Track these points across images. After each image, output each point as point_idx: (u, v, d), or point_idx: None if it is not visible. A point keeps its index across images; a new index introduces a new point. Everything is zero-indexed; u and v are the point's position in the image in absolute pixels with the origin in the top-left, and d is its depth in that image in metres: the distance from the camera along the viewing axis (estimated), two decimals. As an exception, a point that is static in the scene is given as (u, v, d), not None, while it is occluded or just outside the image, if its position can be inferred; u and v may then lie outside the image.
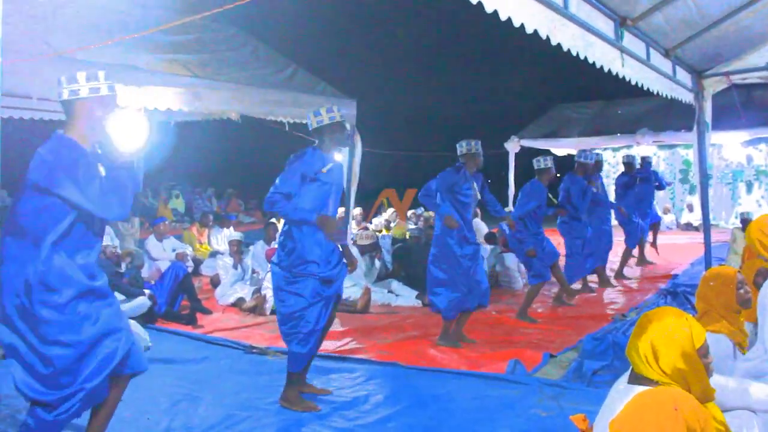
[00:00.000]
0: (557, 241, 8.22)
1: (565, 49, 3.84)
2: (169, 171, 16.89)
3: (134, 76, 6.32)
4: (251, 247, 9.45)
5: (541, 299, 8.11)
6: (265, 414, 4.40)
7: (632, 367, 2.53)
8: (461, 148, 6.11)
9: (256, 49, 9.00)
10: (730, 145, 15.36)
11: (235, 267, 8.70)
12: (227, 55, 8.21)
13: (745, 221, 10.41)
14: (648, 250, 11.51)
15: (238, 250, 8.82)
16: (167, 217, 13.02)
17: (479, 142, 6.13)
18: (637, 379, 2.45)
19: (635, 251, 10.81)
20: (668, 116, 13.84)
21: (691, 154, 17.12)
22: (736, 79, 6.76)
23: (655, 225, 11.80)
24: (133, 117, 3.45)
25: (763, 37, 6.34)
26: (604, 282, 9.14)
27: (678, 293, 8.38)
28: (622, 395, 2.45)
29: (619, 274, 9.83)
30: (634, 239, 10.21)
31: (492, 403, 4.54)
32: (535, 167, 7.38)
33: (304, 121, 9.15)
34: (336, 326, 7.02)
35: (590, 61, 4.23)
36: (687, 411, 2.04)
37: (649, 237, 11.64)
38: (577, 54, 4.03)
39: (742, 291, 3.56)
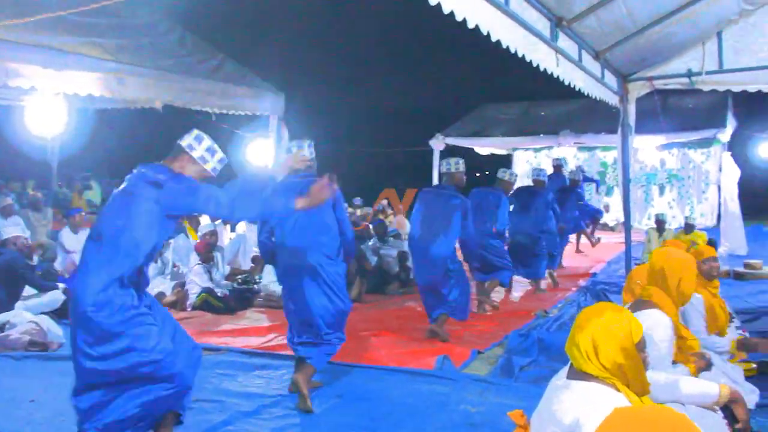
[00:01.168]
0: None
1: (504, 46, 3.84)
2: (86, 160, 16.26)
3: (52, 59, 6.01)
4: (171, 241, 9.15)
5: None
6: (192, 412, 4.21)
7: (571, 363, 2.52)
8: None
9: (182, 36, 8.73)
10: (646, 149, 15.94)
11: (155, 260, 8.41)
12: (151, 41, 7.93)
13: (660, 222, 10.81)
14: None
15: (158, 243, 8.52)
16: (83, 208, 12.49)
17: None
18: (576, 374, 2.45)
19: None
20: (589, 119, 14.26)
21: (608, 157, 17.74)
22: (659, 84, 6.97)
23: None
24: (50, 102, 3.28)
25: (685, 45, 6.57)
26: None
27: (597, 291, 8.62)
28: (562, 390, 2.44)
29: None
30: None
31: (422, 398, 4.52)
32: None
33: (231, 112, 8.96)
34: (262, 322, 6.91)
35: (527, 59, 4.27)
36: None
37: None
38: (515, 52, 4.04)
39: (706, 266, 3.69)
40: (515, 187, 8.02)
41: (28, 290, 6.85)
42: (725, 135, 13.64)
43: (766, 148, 15.09)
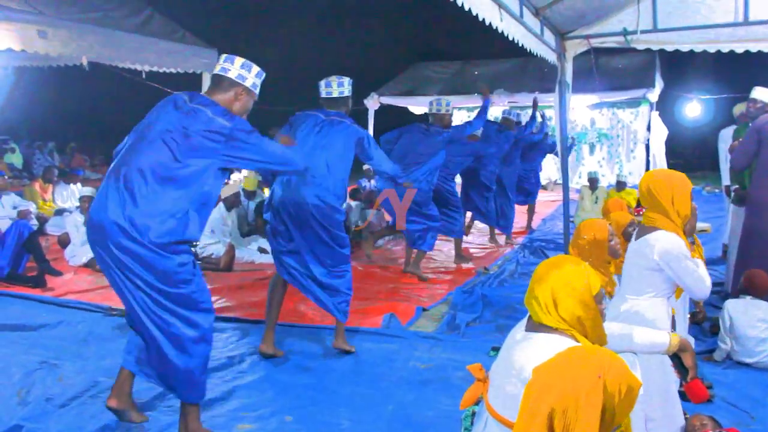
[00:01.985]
0: None
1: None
2: (6, 122, 15.49)
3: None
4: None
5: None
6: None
7: (529, 315, 2.54)
8: None
9: (107, -14, 8.28)
10: (577, 108, 16.22)
11: (86, 224, 8.11)
12: (74, -8, 7.48)
13: (592, 180, 11.06)
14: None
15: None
16: (5, 172, 11.92)
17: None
18: (535, 326, 2.47)
19: None
20: (522, 78, 14.39)
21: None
22: (596, 42, 7.03)
23: None
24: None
25: (621, 3, 6.64)
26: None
27: (535, 248, 8.79)
28: (521, 342, 2.46)
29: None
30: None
31: (371, 357, 4.52)
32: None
33: (161, 70, 8.64)
34: (202, 285, 6.75)
35: (474, 13, 4.23)
36: (610, 380, 2.03)
37: None
38: (462, 4, 3.99)
39: (612, 243, 3.71)
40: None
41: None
42: (654, 95, 13.94)
43: (692, 108, 15.55)
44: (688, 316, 5.04)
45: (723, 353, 4.44)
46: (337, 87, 4.56)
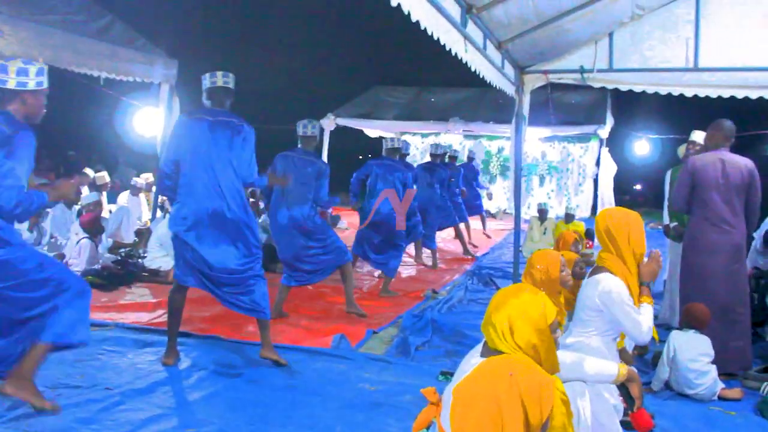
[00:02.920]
0: None
1: (422, 27, 3.86)
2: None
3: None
4: (50, 210, 8.65)
5: (358, 276, 8.26)
6: (79, 391, 4.01)
7: (485, 341, 2.58)
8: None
9: (68, -7, 8.15)
10: (529, 141, 16.54)
11: (30, 230, 7.92)
12: (32, -4, 7.34)
13: (542, 211, 11.29)
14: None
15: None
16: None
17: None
18: (489, 351, 2.51)
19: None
20: (478, 108, 14.63)
21: (492, 146, 18.36)
22: (553, 78, 7.23)
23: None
24: None
25: (580, 42, 6.87)
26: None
27: (483, 275, 8.90)
28: (474, 367, 2.50)
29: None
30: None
31: (320, 376, 4.51)
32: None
33: (119, 78, 8.52)
34: (148, 297, 6.67)
35: (442, 42, 4.31)
36: (522, 377, 2.13)
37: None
38: (432, 34, 4.07)
39: (564, 273, 3.81)
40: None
41: None
42: (604, 131, 14.32)
43: (640, 146, 16.04)
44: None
45: (661, 383, 4.57)
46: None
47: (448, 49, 4.47)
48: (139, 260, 7.77)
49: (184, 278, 4.61)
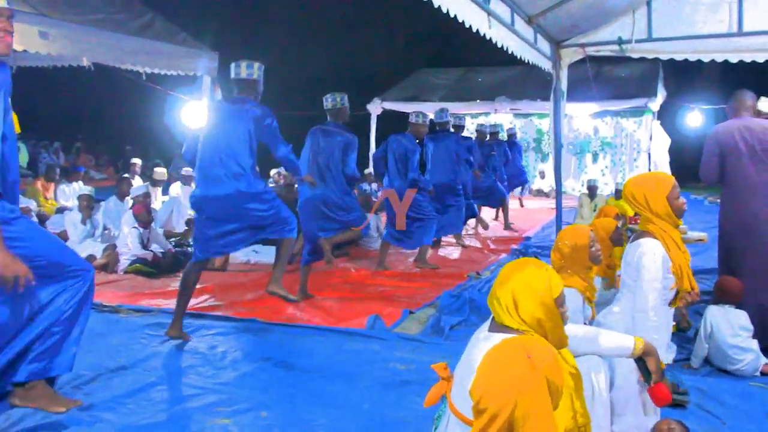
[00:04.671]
0: None
1: (436, 6, 3.83)
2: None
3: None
4: (103, 203, 8.95)
5: (400, 258, 8.30)
6: (114, 373, 4.18)
7: (493, 316, 2.58)
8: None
9: (111, -8, 8.39)
10: (580, 117, 16.25)
11: (84, 223, 8.21)
12: (76, -4, 7.59)
13: (592, 188, 11.08)
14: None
15: (88, 205, 8.31)
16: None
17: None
18: (497, 327, 2.51)
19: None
20: (525, 86, 14.45)
21: (544, 124, 18.04)
22: (591, 50, 7.08)
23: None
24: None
25: (616, 11, 6.69)
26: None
27: (529, 254, 8.81)
28: (482, 342, 2.50)
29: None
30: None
31: (352, 357, 4.56)
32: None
33: (162, 72, 8.72)
34: (194, 284, 6.82)
35: (460, 20, 4.27)
36: (539, 356, 2.12)
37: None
38: (447, 11, 4.04)
39: (593, 249, 3.74)
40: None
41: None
42: (655, 104, 13.97)
43: (693, 117, 15.55)
44: (673, 323, 5.09)
45: (700, 359, 4.47)
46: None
47: (467, 26, 4.43)
48: (188, 248, 7.98)
49: (201, 254, 4.87)
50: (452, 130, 8.79)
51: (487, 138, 11.18)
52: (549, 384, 2.08)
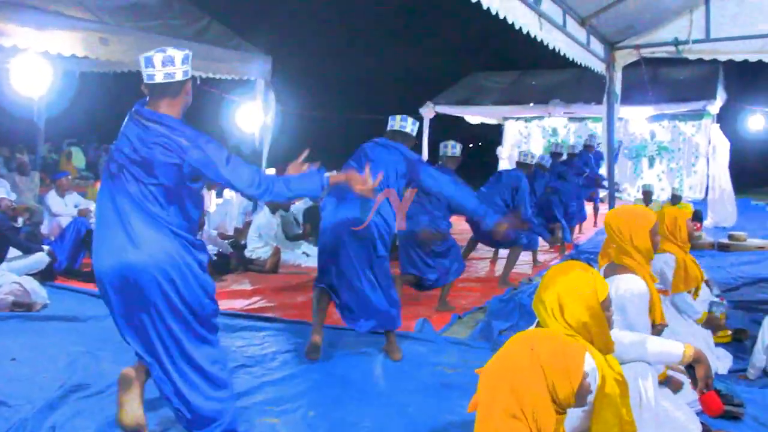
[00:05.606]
0: None
1: (485, 7, 3.81)
2: (71, 124, 16.14)
3: (31, 17, 5.95)
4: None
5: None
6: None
7: (537, 320, 2.57)
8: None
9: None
10: (636, 120, 15.93)
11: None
12: (135, 2, 7.80)
13: (647, 193, 10.86)
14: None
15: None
16: (70, 172, 12.42)
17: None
18: (541, 331, 2.48)
19: None
20: (579, 89, 14.24)
21: (599, 128, 17.73)
22: (646, 52, 6.95)
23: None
24: (35, 62, 3.25)
25: (673, 11, 6.55)
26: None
27: (582, 260, 8.67)
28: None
29: None
30: None
31: (399, 359, 4.57)
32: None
33: (217, 76, 8.90)
34: (246, 285, 6.94)
35: (510, 22, 4.25)
36: (543, 350, 2.09)
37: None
38: (497, 13, 4.02)
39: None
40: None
41: (12, 252, 6.86)
42: (714, 107, 13.61)
43: (756, 120, 15.08)
44: (730, 332, 4.96)
45: (758, 371, 4.32)
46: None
47: (518, 27, 4.39)
48: (243, 250, 8.11)
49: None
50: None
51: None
52: (550, 380, 2.03)
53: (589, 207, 12.19)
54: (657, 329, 3.35)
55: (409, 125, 4.76)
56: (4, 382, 3.98)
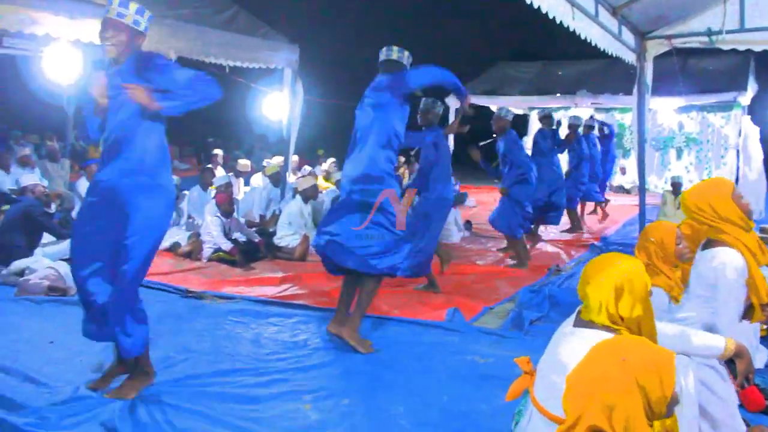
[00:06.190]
0: None
1: (519, -4, 3.81)
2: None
3: (64, 5, 6.00)
4: (187, 192, 9.26)
5: (481, 252, 8.27)
6: (199, 356, 4.33)
7: (578, 311, 2.55)
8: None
9: (195, -15, 8.62)
10: (664, 111, 15.75)
11: (167, 211, 8.49)
12: (165, -9, 7.83)
13: (676, 185, 10.74)
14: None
15: (173, 193, 8.59)
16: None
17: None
18: (582, 323, 2.48)
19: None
20: (607, 79, 14.11)
21: (626, 119, 17.57)
22: (678, 42, 6.87)
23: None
24: (67, 50, 3.31)
25: (706, 1, 6.46)
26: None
27: (611, 251, 8.60)
28: (568, 337, 2.48)
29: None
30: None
31: (430, 349, 4.59)
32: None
33: (245, 65, 8.93)
34: (275, 273, 6.99)
35: (544, 11, 4.22)
36: (636, 360, 2.03)
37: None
38: (531, 3, 4.00)
39: (680, 246, 3.63)
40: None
41: (46, 237, 6.97)
42: (746, 98, 13.41)
43: (787, 112, 14.85)
44: (765, 327, 4.90)
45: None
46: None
47: (551, 17, 4.37)
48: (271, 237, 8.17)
49: None
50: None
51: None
52: (645, 390, 1.98)
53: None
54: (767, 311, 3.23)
55: (395, 53, 4.81)
56: (43, 364, 4.06)
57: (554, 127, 9.45)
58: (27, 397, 3.53)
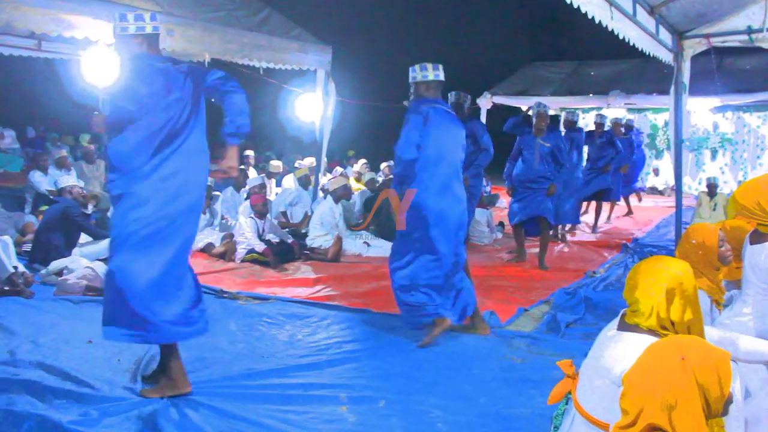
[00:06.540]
0: None
1: (559, -4, 3.77)
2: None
3: (103, 10, 6.08)
4: (220, 193, 9.34)
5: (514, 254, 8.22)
6: (234, 357, 4.36)
7: (622, 314, 2.52)
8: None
9: (231, -10, 8.69)
10: (699, 112, 15.51)
11: (203, 212, 8.57)
12: (199, -6, 7.91)
13: (711, 186, 10.58)
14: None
15: (207, 195, 8.66)
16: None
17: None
18: (627, 326, 2.44)
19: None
20: (640, 80, 13.91)
21: (659, 119, 17.36)
22: (716, 41, 6.75)
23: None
24: (105, 53, 3.38)
25: (746, 0, 6.34)
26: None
27: (645, 253, 8.52)
28: (612, 341, 2.44)
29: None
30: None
31: (466, 350, 4.57)
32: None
33: (278, 66, 8.98)
34: (309, 273, 7.01)
35: (583, 11, 4.19)
36: (694, 359, 2.01)
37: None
38: (571, 3, 3.97)
39: (723, 248, 3.56)
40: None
41: (84, 238, 7.07)
42: (784, 98, 13.15)
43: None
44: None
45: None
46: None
47: (590, 17, 4.33)
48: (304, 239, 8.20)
49: None
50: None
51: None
52: (704, 389, 1.96)
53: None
54: None
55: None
56: (81, 363, 4.11)
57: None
58: (68, 395, 3.58)
